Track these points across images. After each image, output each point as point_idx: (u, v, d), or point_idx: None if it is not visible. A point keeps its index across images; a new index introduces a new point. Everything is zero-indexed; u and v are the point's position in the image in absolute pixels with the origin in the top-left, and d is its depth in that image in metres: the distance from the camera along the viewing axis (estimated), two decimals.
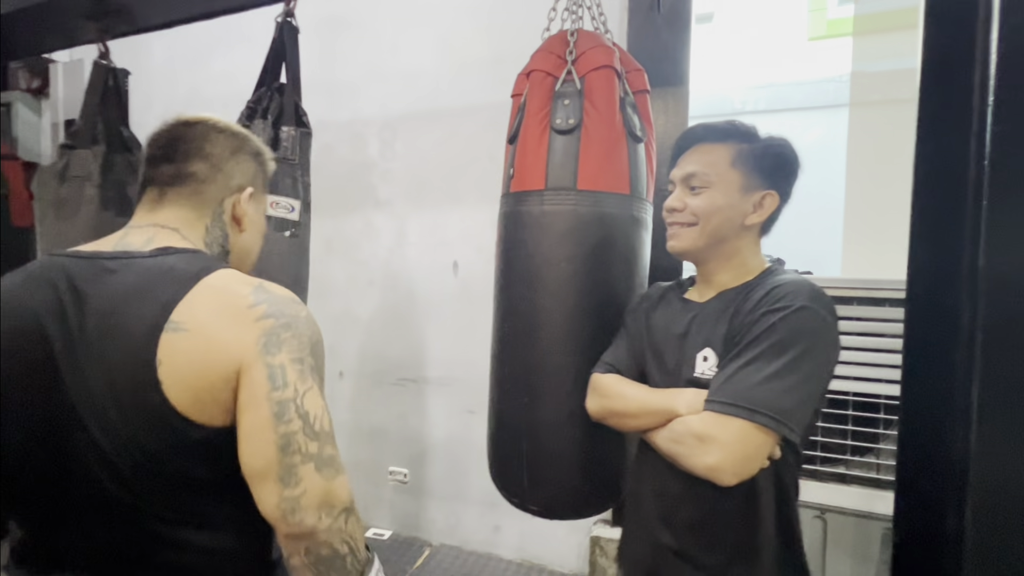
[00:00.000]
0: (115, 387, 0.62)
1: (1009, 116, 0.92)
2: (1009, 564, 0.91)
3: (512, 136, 1.18)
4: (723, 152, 0.88)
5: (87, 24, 1.92)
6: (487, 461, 1.27)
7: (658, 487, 0.88)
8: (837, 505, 1.65)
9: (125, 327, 0.63)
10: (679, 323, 0.91)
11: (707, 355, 0.84)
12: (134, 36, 2.00)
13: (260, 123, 1.48)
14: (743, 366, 0.76)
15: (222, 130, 0.80)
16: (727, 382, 0.76)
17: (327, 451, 0.64)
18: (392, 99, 2.42)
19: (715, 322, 0.86)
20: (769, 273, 0.89)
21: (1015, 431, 0.92)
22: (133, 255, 0.70)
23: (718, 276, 0.91)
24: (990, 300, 0.92)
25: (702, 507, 0.82)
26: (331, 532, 0.63)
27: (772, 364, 0.74)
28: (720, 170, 0.87)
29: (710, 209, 0.86)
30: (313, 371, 0.66)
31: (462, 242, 2.34)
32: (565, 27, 1.21)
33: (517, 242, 1.13)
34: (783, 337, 0.75)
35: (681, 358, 0.87)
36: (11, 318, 0.66)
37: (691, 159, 0.89)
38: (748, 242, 0.91)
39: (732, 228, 0.88)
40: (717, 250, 0.89)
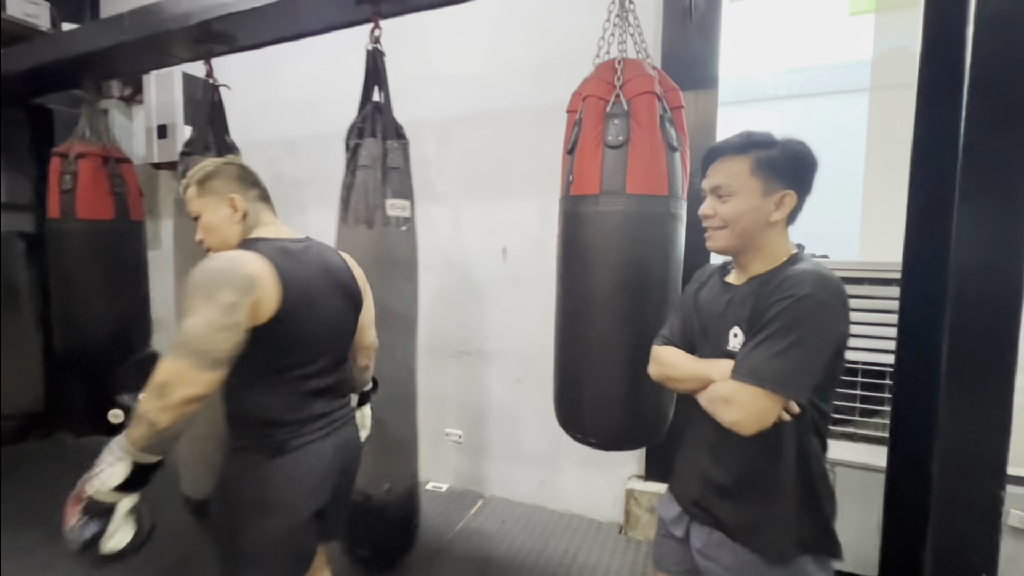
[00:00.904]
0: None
1: (979, 127, 1.13)
2: (967, 500, 1.18)
3: (571, 148, 1.44)
4: (743, 163, 0.99)
5: (195, 46, 2.24)
6: (553, 408, 1.54)
7: (707, 433, 1.07)
8: (847, 460, 1.89)
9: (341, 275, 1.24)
10: (719, 303, 1.05)
11: (736, 332, 1.00)
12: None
13: (371, 140, 1.78)
14: (757, 345, 0.94)
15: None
16: (745, 358, 0.95)
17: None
18: (446, 103, 2.69)
19: (742, 305, 0.99)
20: (792, 260, 1.00)
21: (975, 395, 1.16)
22: (300, 240, 1.21)
23: (752, 264, 1.03)
24: (958, 284, 1.15)
25: (736, 450, 1.01)
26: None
27: (778, 344, 0.91)
28: (742, 179, 0.99)
29: (736, 214, 1.00)
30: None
31: (510, 231, 2.62)
32: (611, 49, 1.46)
33: (576, 236, 1.40)
34: (787, 321, 0.91)
35: (720, 333, 1.03)
36: (299, 276, 1.12)
37: (717, 171, 1.03)
38: (775, 235, 1.01)
39: (758, 226, 1.00)
40: (748, 245, 1.02)
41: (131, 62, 2.54)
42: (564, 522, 2.48)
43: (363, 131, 1.84)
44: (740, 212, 0.99)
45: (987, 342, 1.13)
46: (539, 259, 2.56)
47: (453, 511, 2.59)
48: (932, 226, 1.35)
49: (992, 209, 1.12)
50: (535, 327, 2.60)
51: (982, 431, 1.15)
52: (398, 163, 1.87)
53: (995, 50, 1.13)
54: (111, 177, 2.56)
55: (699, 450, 1.09)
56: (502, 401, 2.70)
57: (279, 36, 2.19)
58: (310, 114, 3.08)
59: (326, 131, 3.04)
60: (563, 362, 1.50)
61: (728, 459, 1.04)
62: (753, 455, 1.01)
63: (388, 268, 1.84)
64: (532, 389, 2.63)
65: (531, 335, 2.61)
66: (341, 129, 2.94)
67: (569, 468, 2.56)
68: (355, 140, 1.85)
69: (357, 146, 1.87)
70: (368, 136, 1.82)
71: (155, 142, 3.26)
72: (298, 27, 2.12)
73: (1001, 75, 1.11)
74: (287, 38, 2.20)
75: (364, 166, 1.83)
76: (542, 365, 2.59)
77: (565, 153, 1.49)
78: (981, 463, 1.17)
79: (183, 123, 3.20)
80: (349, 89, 2.90)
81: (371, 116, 1.87)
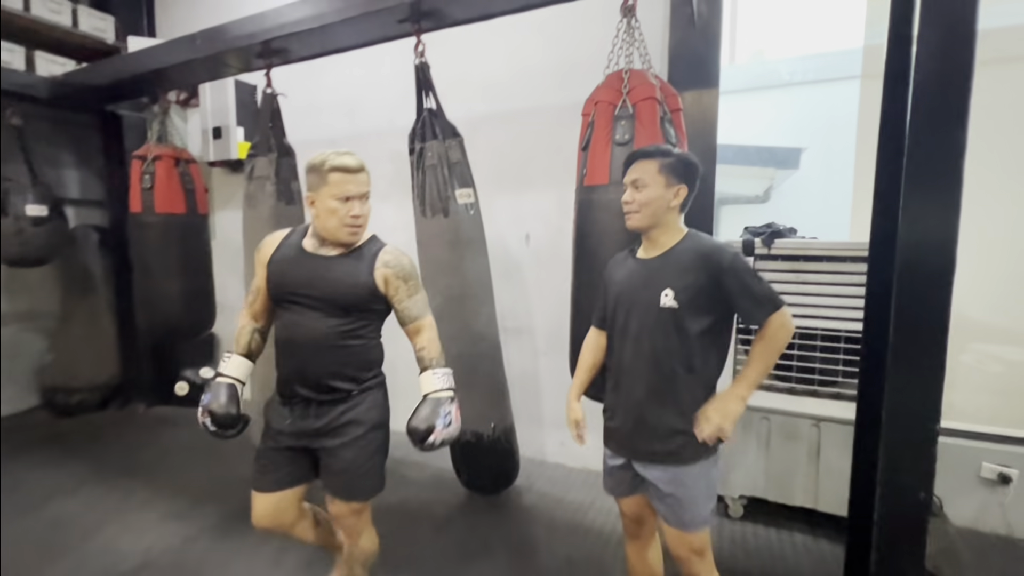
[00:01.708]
0: None
1: (921, 120, 1.36)
2: (908, 437, 1.44)
3: (585, 145, 1.72)
4: (653, 164, 1.33)
5: (256, 60, 2.57)
6: (570, 371, 1.83)
7: (638, 393, 1.35)
8: (833, 416, 2.14)
9: None
10: (639, 274, 1.36)
11: (667, 292, 1.29)
12: None
13: (434, 143, 2.08)
14: (745, 292, 1.25)
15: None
16: (754, 301, 1.25)
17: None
18: (473, 103, 2.96)
19: (670, 270, 1.30)
20: (691, 235, 1.35)
21: (916, 353, 1.41)
22: None
23: (660, 239, 1.35)
24: (904, 259, 1.40)
25: (667, 396, 1.31)
26: None
27: (756, 283, 1.25)
28: (652, 175, 1.32)
29: (648, 199, 1.32)
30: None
31: (532, 218, 2.90)
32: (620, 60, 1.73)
33: (590, 219, 1.69)
34: (744, 268, 1.26)
35: (650, 296, 1.31)
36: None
37: (635, 170, 1.35)
38: (673, 217, 1.35)
39: (663, 210, 1.32)
40: (656, 223, 1.34)
41: (198, 74, 2.88)
42: (581, 477, 2.80)
43: (424, 135, 2.15)
44: (651, 198, 1.32)
45: (925, 308, 1.37)
46: (559, 243, 2.84)
47: None
48: (890, 209, 1.59)
49: (930, 193, 1.35)
50: (555, 305, 2.89)
51: (921, 380, 1.40)
52: (458, 158, 2.20)
53: (934, 50, 1.35)
54: (182, 176, 2.92)
55: (630, 407, 1.38)
56: (526, 372, 3.00)
57: (329, 50, 2.49)
58: (349, 115, 3.40)
59: (364, 130, 3.37)
60: (579, 328, 1.78)
61: (654, 409, 1.33)
62: (672, 401, 1.31)
63: (464, 248, 2.19)
64: (552, 361, 2.93)
65: (551, 312, 2.91)
66: (378, 128, 3.28)
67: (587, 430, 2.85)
68: (419, 144, 2.15)
69: (422, 149, 2.16)
70: (430, 139, 2.13)
71: (211, 142, 3.62)
72: (346, 42, 2.41)
73: (938, 71, 1.34)
74: (336, 51, 2.50)
75: (432, 165, 2.15)
76: (561, 339, 2.89)
77: (580, 150, 1.77)
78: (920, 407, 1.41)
79: (236, 124, 3.55)
80: (384, 92, 3.24)
81: (428, 121, 2.16)
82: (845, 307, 2.04)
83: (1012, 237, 2.36)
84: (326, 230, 1.41)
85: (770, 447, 2.24)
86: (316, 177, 1.39)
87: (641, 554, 1.53)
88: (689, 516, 1.32)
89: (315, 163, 1.41)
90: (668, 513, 1.35)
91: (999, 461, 2.18)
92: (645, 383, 1.33)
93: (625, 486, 1.45)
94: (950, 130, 1.33)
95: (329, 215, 1.38)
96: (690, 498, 1.32)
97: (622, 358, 1.38)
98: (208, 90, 3.56)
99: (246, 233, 2.56)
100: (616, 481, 1.46)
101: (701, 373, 1.31)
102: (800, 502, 2.20)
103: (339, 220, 1.39)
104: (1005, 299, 2.39)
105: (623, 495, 1.46)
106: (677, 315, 1.28)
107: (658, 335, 1.29)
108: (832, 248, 2.08)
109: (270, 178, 2.46)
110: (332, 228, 1.40)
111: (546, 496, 2.59)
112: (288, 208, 2.52)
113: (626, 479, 1.43)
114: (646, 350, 1.31)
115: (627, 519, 1.51)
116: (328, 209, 1.38)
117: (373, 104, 3.33)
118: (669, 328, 1.28)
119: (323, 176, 1.38)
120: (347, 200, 1.37)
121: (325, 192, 1.38)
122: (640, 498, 1.44)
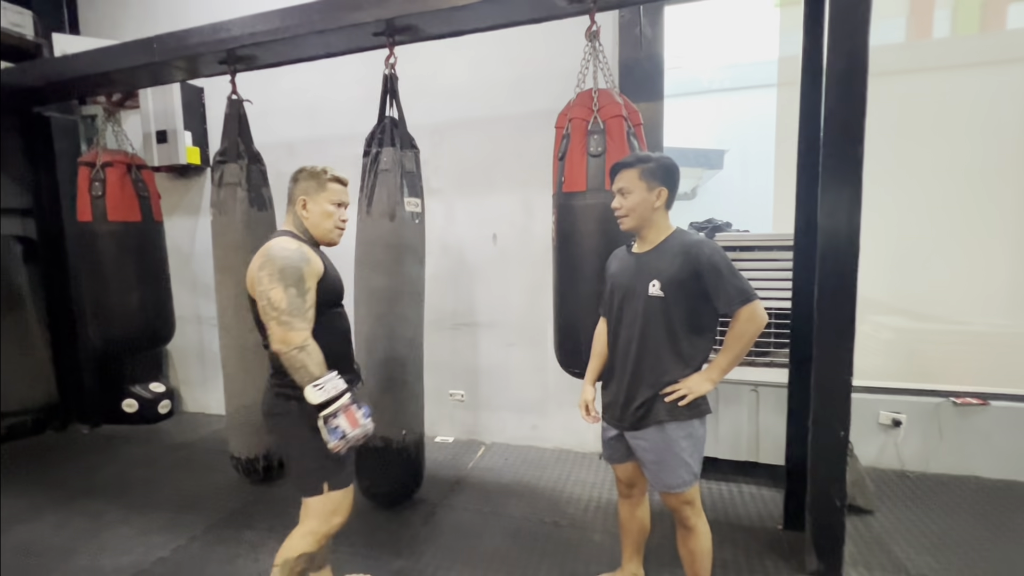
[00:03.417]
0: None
1: (832, 124, 1.70)
2: (830, 391, 1.78)
3: (561, 156, 1.94)
4: (635, 172, 1.51)
5: (218, 67, 2.54)
6: (555, 356, 2.06)
7: (626, 371, 1.57)
8: (767, 381, 2.53)
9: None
10: (632, 266, 1.56)
11: (655, 283, 1.49)
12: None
13: (390, 149, 2.17)
14: (722, 285, 1.43)
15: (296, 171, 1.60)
16: (728, 295, 1.43)
17: (283, 316, 1.36)
18: (436, 111, 3.11)
19: (658, 263, 1.49)
20: (678, 232, 1.54)
21: (833, 324, 1.75)
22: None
23: (649, 236, 1.55)
24: (823, 247, 1.74)
25: (649, 373, 1.52)
26: (287, 357, 1.37)
27: (731, 276, 1.44)
28: (635, 182, 1.51)
29: (634, 204, 1.51)
30: (275, 279, 1.37)
31: (498, 219, 3.09)
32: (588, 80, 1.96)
33: (569, 222, 1.91)
34: (723, 262, 1.46)
35: (641, 285, 1.51)
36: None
37: (620, 179, 1.54)
38: (659, 216, 1.53)
39: (648, 211, 1.51)
40: (644, 223, 1.53)
41: (148, 78, 2.78)
42: (555, 456, 3.04)
43: (383, 141, 2.21)
44: (636, 203, 1.52)
45: (841, 286, 1.74)
46: (524, 242, 3.06)
47: (461, 457, 3.07)
48: (810, 203, 1.95)
49: (841, 192, 1.71)
50: (522, 299, 3.11)
51: (839, 343, 1.77)
52: (412, 168, 2.27)
53: (840, 59, 1.70)
54: (135, 182, 2.82)
55: (622, 384, 1.58)
56: (497, 363, 3.20)
57: (297, 58, 2.52)
58: (308, 119, 3.41)
59: (325, 135, 3.40)
60: (562, 318, 2.01)
61: (643, 386, 1.54)
62: (662, 369, 1.52)
63: (404, 253, 2.25)
64: (521, 351, 3.15)
65: (519, 306, 3.12)
66: (337, 133, 3.33)
67: (556, 413, 3.11)
68: (376, 148, 2.22)
69: (378, 153, 2.22)
70: (387, 145, 2.20)
71: (154, 147, 3.47)
72: (316, 52, 2.46)
73: (844, 81, 1.69)
74: (304, 59, 2.53)
75: (385, 170, 2.21)
76: (529, 331, 3.13)
77: (556, 160, 1.98)
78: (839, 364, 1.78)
79: (183, 128, 3.43)
80: (345, 98, 3.28)
81: (389, 129, 2.23)
82: (775, 288, 2.41)
83: (891, 226, 2.87)
84: (320, 230, 1.57)
85: (717, 412, 2.60)
86: (315, 183, 1.56)
87: (632, 512, 1.77)
88: (671, 480, 1.53)
89: (316, 171, 1.57)
90: (653, 478, 1.57)
91: (892, 409, 2.69)
92: (635, 363, 1.54)
93: (620, 454, 1.68)
94: (853, 142, 1.70)
95: (325, 217, 1.56)
96: (670, 464, 1.52)
97: (617, 341, 1.60)
98: (150, 93, 3.41)
99: (216, 240, 2.54)
100: (612, 450, 1.69)
101: (686, 355, 1.50)
102: (745, 457, 2.58)
103: (333, 223, 1.57)
104: (890, 279, 2.91)
105: (618, 462, 1.70)
106: (664, 303, 1.47)
107: (647, 320, 1.51)
108: (763, 239, 2.46)
109: (241, 184, 2.47)
110: (326, 229, 1.57)
111: (526, 474, 2.80)
112: (260, 214, 2.53)
113: (620, 448, 1.66)
114: (637, 334, 1.53)
115: (621, 483, 1.75)
116: (324, 212, 1.56)
117: (333, 110, 3.36)
118: (656, 314, 1.49)
119: (323, 183, 1.56)
120: (339, 206, 1.58)
121: (323, 197, 1.55)
122: (632, 464, 1.68)
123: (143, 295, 2.85)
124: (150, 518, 2.44)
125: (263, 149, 2.68)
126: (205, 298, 3.79)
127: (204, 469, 2.96)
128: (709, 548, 1.61)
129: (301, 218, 1.55)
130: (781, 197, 2.95)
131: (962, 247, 2.82)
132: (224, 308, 2.54)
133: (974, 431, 2.60)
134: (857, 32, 1.67)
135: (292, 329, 1.36)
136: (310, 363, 1.37)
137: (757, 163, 4.20)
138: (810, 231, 1.97)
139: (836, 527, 1.85)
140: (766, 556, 2.04)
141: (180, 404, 4.03)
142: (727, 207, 4.35)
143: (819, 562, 1.88)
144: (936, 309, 2.90)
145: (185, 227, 3.83)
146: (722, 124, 5.10)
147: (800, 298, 2.08)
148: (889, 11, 3.22)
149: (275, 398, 1.49)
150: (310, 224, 1.55)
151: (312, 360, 1.38)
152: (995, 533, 2.15)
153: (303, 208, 1.54)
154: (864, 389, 2.69)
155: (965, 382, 2.72)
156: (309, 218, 1.55)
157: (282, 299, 1.36)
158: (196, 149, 3.52)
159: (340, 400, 1.39)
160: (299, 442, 1.46)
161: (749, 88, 4.94)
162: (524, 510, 2.44)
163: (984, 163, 2.78)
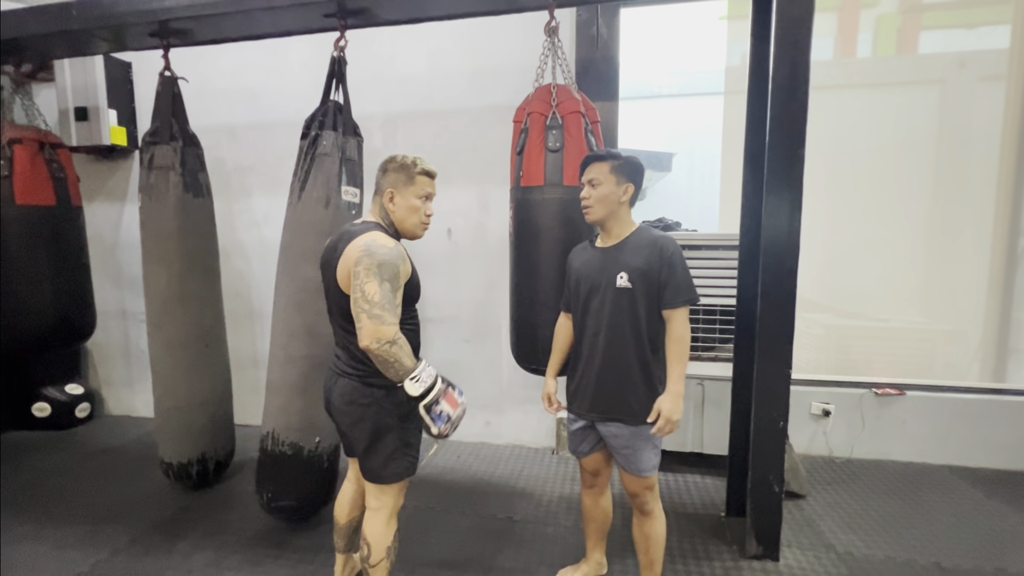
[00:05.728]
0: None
1: (776, 133, 1.80)
2: (770, 383, 1.86)
3: (519, 150, 1.93)
4: (606, 166, 1.56)
5: (149, 39, 2.34)
6: (512, 352, 2.04)
7: (596, 365, 1.59)
8: (712, 375, 2.64)
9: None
10: (597, 260, 1.59)
11: (623, 275, 1.54)
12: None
13: (331, 133, 2.05)
14: (668, 283, 1.50)
15: (385, 160, 1.53)
16: (671, 292, 1.50)
17: (375, 310, 1.33)
18: (391, 100, 3.01)
19: (625, 257, 1.53)
20: (642, 228, 1.59)
21: (774, 322, 1.85)
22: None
23: (614, 230, 1.59)
24: (767, 247, 1.83)
25: (615, 367, 1.56)
26: (379, 352, 1.34)
27: (679, 275, 1.51)
28: (605, 175, 1.56)
29: (602, 195, 1.55)
30: (372, 273, 1.34)
31: (453, 214, 3.04)
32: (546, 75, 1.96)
33: (527, 217, 1.90)
34: (677, 262, 1.52)
35: (607, 279, 1.59)
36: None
37: (591, 170, 1.58)
38: (624, 211, 1.58)
39: (615, 204, 1.56)
40: (609, 216, 1.57)
41: (65, 47, 2.52)
42: (508, 452, 3.03)
43: (323, 124, 2.07)
44: (604, 194, 1.57)
45: (782, 285, 1.84)
46: (479, 237, 3.03)
47: None
48: (754, 207, 2.05)
49: (783, 196, 1.81)
50: (477, 295, 3.08)
51: (780, 338, 1.87)
52: (353, 156, 2.14)
53: (784, 73, 1.80)
54: (49, 162, 2.56)
55: (590, 374, 1.62)
56: (452, 359, 3.15)
57: (239, 36, 2.36)
58: (252, 102, 3.21)
59: (270, 119, 3.22)
60: (519, 314, 2.00)
61: (611, 374, 1.58)
62: (626, 367, 1.56)
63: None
64: (477, 347, 3.12)
65: (474, 302, 3.09)
66: (284, 118, 3.16)
67: (510, 409, 3.10)
68: (316, 131, 2.07)
69: (317, 136, 2.07)
70: (328, 129, 2.06)
71: (72, 124, 3.16)
72: (262, 30, 2.30)
73: (788, 87, 1.78)
74: (247, 38, 2.37)
75: (323, 154, 2.06)
76: (484, 327, 3.10)
77: (514, 154, 1.97)
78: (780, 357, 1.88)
79: (107, 106, 3.14)
80: (291, 81, 3.12)
81: (332, 112, 2.10)
82: (720, 286, 2.52)
83: (822, 231, 3.07)
84: (406, 224, 1.53)
85: None
86: (404, 176, 1.51)
87: (596, 500, 1.80)
88: (642, 463, 1.58)
89: (406, 163, 1.52)
90: (625, 462, 1.60)
91: (822, 400, 2.88)
92: (604, 352, 1.57)
93: (587, 445, 1.69)
94: (795, 143, 1.79)
95: (412, 212, 1.52)
96: (642, 449, 1.57)
97: (584, 332, 1.62)
98: (67, 65, 3.09)
99: (145, 227, 2.34)
100: (578, 441, 1.71)
101: (653, 343, 1.55)
102: (691, 448, 2.68)
103: (419, 218, 1.54)
104: (821, 279, 3.12)
105: (585, 454, 1.71)
106: (632, 294, 1.52)
107: (615, 311, 1.54)
108: (710, 239, 2.56)
109: (174, 168, 2.29)
110: (413, 224, 1.54)
111: (479, 471, 2.78)
112: (196, 200, 2.36)
113: (587, 438, 1.68)
114: (605, 324, 1.55)
115: (586, 473, 1.76)
116: (411, 206, 1.52)
117: (279, 94, 3.19)
118: (624, 305, 1.53)
119: (412, 176, 1.51)
120: (427, 199, 1.55)
121: (411, 191, 1.51)
122: (599, 455, 1.70)
123: (57, 286, 2.59)
124: (65, 531, 2.22)
125: (200, 132, 2.49)
126: (131, 291, 3.50)
127: (129, 476, 2.73)
128: (664, 533, 1.67)
129: (388, 211, 1.52)
130: (727, 199, 3.10)
131: (884, 250, 3.07)
132: (154, 302, 2.35)
133: (892, 419, 2.84)
134: (800, 43, 1.77)
135: (384, 323, 1.34)
136: (403, 356, 1.37)
137: (703, 167, 4.40)
138: (753, 231, 2.07)
139: (774, 512, 1.96)
140: (709, 542, 2.12)
141: (102, 407, 3.69)
142: (676, 208, 4.54)
143: (758, 545, 1.98)
144: (861, 307, 3.14)
145: (109, 214, 3.51)
146: (671, 128, 5.31)
147: (744, 295, 2.18)
148: (819, 31, 3.46)
149: (362, 387, 1.47)
150: (396, 218, 1.52)
151: (404, 353, 1.37)
152: (912, 511, 2.36)
153: (390, 201, 1.51)
154: (798, 382, 2.86)
155: (886, 374, 2.96)
156: (396, 212, 1.51)
157: (376, 292, 1.34)
158: (122, 129, 3.24)
159: (437, 386, 1.42)
160: (388, 431, 1.48)
161: (696, 95, 5.16)
162: (478, 506, 2.42)
163: (900, 174, 3.03)
